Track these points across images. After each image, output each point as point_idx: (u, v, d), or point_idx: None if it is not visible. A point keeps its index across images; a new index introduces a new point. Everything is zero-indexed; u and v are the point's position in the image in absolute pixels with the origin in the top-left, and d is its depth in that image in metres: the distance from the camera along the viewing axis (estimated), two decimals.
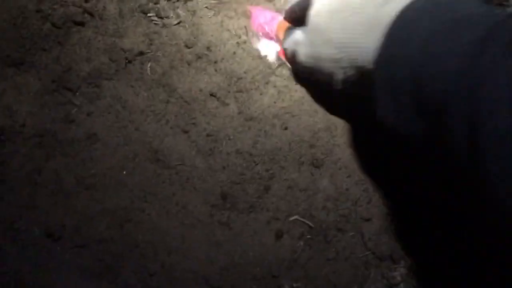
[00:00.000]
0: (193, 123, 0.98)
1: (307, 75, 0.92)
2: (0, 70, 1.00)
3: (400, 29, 0.65)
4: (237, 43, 1.08)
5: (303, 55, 0.87)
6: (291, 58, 0.94)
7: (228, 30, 1.08)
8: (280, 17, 1.06)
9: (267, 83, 1.05)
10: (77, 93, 1.01)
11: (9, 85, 1.00)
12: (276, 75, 1.06)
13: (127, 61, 1.01)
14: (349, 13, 0.75)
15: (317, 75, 0.85)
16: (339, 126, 1.00)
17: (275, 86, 1.04)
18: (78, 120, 0.98)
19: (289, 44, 0.94)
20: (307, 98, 1.05)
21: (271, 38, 1.06)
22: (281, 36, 1.01)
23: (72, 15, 1.01)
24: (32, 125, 0.97)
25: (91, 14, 1.02)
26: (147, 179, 0.96)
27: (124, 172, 0.95)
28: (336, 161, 0.99)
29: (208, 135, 0.97)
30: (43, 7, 1.00)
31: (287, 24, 1.02)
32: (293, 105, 1.02)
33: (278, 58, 1.04)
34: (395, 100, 0.65)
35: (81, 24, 1.01)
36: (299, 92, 1.05)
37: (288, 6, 1.00)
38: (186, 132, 0.97)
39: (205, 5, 1.10)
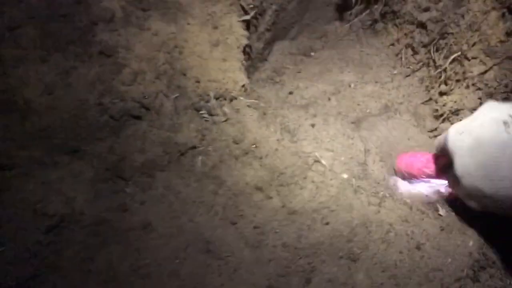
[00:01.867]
0: (241, 215, 1.05)
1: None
2: (57, 157, 1.05)
3: None
4: (277, 140, 1.18)
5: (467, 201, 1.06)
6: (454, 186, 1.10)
7: (268, 127, 1.18)
8: (429, 156, 1.22)
9: (305, 178, 1.13)
10: (130, 182, 1.06)
11: (65, 172, 1.05)
12: (313, 170, 1.15)
13: (180, 153, 1.08)
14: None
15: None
16: (375, 222, 1.08)
17: (313, 181, 1.13)
18: (132, 209, 1.03)
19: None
20: (342, 193, 1.14)
21: (430, 177, 1.22)
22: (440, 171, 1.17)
23: (130, 109, 1.08)
24: (89, 213, 1.02)
25: (148, 109, 1.09)
26: (198, 269, 1.00)
27: (177, 261, 1.00)
28: (372, 256, 1.06)
29: (255, 227, 1.03)
30: (103, 100, 1.08)
31: (439, 159, 1.18)
32: (330, 200, 1.11)
33: (440, 193, 1.21)
34: None
35: (138, 117, 1.09)
36: (335, 187, 1.13)
37: (436, 142, 1.16)
38: (234, 223, 1.04)
39: (247, 104, 1.20)
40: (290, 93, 1.61)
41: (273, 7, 1.48)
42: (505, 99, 1.23)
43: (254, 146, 1.07)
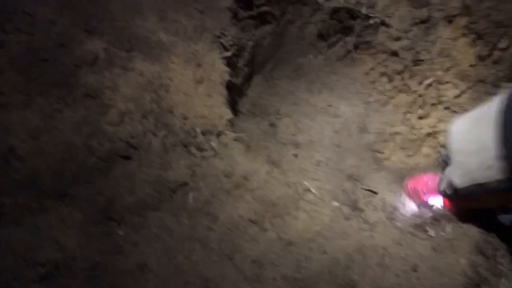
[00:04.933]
0: (237, 250, 1.04)
1: (468, 197, 1.07)
2: (45, 203, 1.02)
3: None
4: (267, 172, 1.18)
5: (457, 178, 1.03)
6: (450, 190, 1.11)
7: (256, 160, 1.18)
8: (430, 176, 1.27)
9: (297, 207, 1.14)
10: (122, 224, 1.04)
11: (55, 218, 1.02)
12: (304, 200, 1.16)
13: (171, 191, 1.07)
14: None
15: (475, 189, 1.00)
16: (369, 247, 1.09)
17: (305, 211, 1.14)
18: (126, 251, 1.01)
19: (443, 182, 1.13)
20: (336, 221, 1.14)
21: (431, 195, 1.27)
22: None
23: (118, 149, 1.07)
24: (82, 259, 0.99)
25: (136, 148, 1.08)
26: None
27: None
28: (370, 281, 1.06)
29: (253, 261, 1.02)
30: (91, 142, 1.06)
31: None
32: (325, 229, 1.11)
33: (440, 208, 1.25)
34: None
35: (127, 157, 1.08)
36: (327, 216, 1.14)
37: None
38: (231, 259, 1.02)
39: (233, 137, 1.21)
40: (271, 125, 1.63)
41: (250, 43, 1.51)
42: None
43: (245, 179, 1.06)
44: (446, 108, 1.45)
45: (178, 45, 1.19)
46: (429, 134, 1.48)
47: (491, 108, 0.93)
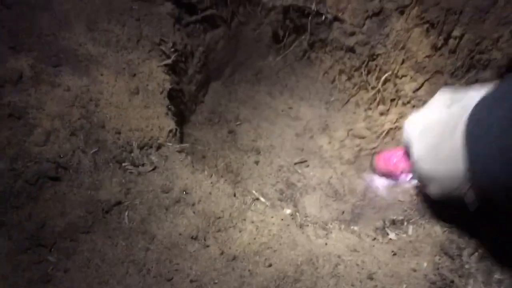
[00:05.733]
0: (176, 270, 0.97)
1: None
2: None
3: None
4: (211, 183, 1.11)
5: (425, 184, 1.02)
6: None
7: (199, 170, 1.12)
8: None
9: (244, 219, 1.07)
10: (53, 250, 0.97)
11: None
12: (252, 210, 1.09)
13: (104, 212, 1.00)
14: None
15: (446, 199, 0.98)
16: (321, 257, 1.02)
17: (252, 222, 1.07)
18: (56, 279, 0.94)
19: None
20: (285, 230, 1.07)
21: (406, 171, 1.23)
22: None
23: (46, 170, 1.01)
24: None
25: (66, 168, 1.02)
26: None
27: None
28: None
29: (192, 281, 0.96)
30: (16, 165, 1.00)
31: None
32: (272, 240, 1.04)
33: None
34: None
35: (55, 179, 1.01)
36: (276, 225, 1.07)
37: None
38: (169, 280, 0.96)
39: (176, 149, 1.14)
40: (230, 132, 1.57)
41: (200, 49, 1.45)
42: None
43: (185, 193, 0.99)
44: (406, 103, 1.39)
45: (109, 56, 1.12)
46: (390, 130, 1.41)
47: (453, 117, 0.87)
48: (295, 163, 1.47)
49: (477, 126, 0.81)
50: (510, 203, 0.78)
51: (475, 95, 0.87)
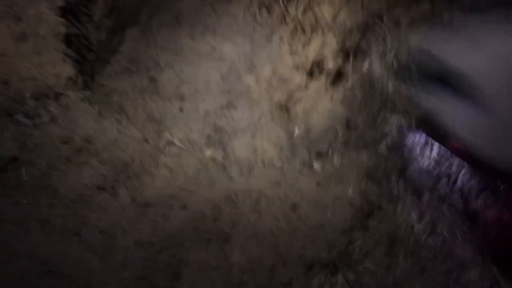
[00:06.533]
0: (83, 222, 0.90)
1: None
2: None
3: None
4: (118, 129, 1.03)
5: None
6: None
7: (106, 118, 1.03)
8: None
9: (157, 164, 1.00)
10: None
11: None
12: (166, 155, 1.02)
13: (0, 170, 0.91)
14: None
15: None
16: (241, 194, 0.97)
17: (166, 166, 1.00)
18: None
19: None
20: (204, 171, 1.02)
21: None
22: None
23: None
24: None
25: None
26: None
27: None
28: (243, 230, 0.95)
29: (101, 232, 0.89)
30: None
31: None
32: (188, 181, 0.98)
33: None
34: None
35: None
36: (193, 167, 1.01)
37: None
38: (77, 234, 0.89)
39: (80, 98, 1.05)
40: (151, 80, 1.47)
41: None
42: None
43: (88, 142, 0.91)
44: (327, 31, 1.32)
45: None
46: (315, 61, 1.35)
47: None
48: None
49: None
50: None
51: None
